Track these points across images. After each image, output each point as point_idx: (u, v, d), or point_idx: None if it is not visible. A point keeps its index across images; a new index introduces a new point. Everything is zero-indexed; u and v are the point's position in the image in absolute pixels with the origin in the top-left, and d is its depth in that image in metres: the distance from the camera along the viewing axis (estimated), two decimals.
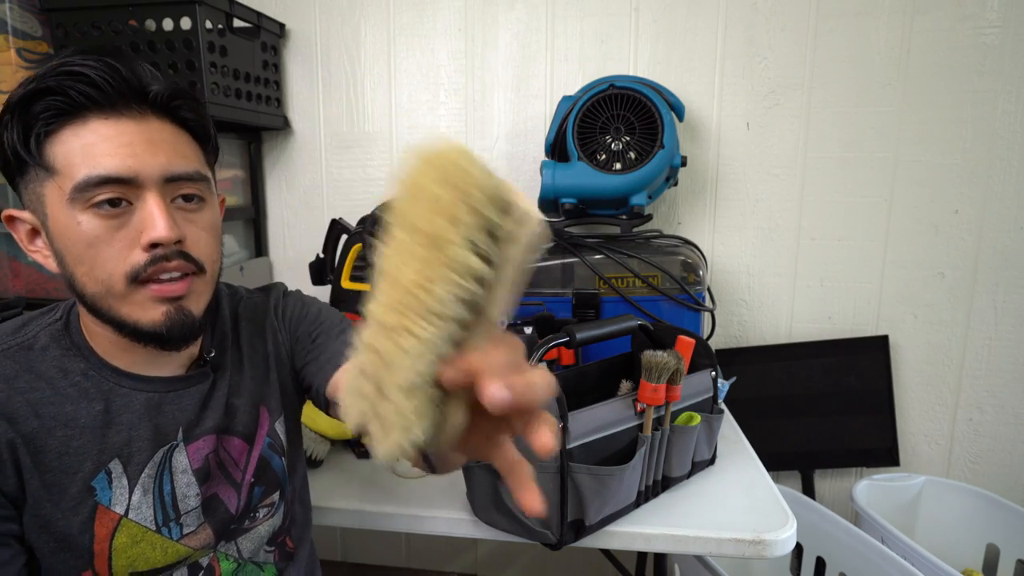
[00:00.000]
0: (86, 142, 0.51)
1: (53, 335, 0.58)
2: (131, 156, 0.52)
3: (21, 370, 0.55)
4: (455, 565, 1.70)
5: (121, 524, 0.56)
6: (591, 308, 1.16)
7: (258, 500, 0.65)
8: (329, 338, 0.68)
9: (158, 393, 0.60)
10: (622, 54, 1.40)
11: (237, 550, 0.65)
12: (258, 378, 0.68)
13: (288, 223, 1.59)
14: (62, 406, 0.55)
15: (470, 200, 0.27)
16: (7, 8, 1.19)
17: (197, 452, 0.61)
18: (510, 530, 0.76)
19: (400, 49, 1.48)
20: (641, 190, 1.18)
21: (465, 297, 0.27)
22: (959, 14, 1.28)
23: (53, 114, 0.51)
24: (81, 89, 0.51)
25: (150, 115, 0.54)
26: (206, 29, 1.18)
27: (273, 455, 0.67)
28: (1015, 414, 1.39)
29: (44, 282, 1.34)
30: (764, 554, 0.75)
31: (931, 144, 1.33)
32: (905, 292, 1.39)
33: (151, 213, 0.52)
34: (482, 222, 0.27)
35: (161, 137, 0.54)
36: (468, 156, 0.28)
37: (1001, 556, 1.29)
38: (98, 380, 0.57)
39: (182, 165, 0.55)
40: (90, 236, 0.52)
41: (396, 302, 0.28)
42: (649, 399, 0.76)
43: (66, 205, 0.51)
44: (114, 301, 0.54)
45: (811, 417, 1.42)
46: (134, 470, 0.57)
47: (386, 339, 0.28)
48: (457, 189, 0.27)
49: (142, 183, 0.53)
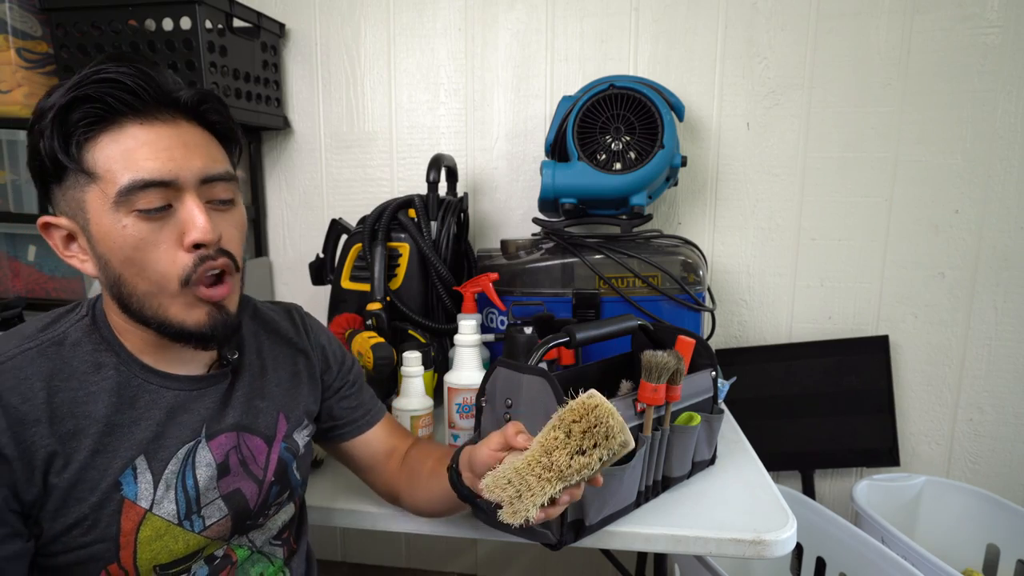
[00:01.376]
0: (126, 147, 0.53)
1: (83, 331, 0.59)
2: (170, 160, 0.54)
3: (56, 368, 0.56)
4: (455, 565, 1.70)
5: (146, 518, 0.57)
6: (591, 308, 1.16)
7: (274, 499, 0.69)
8: (362, 391, 0.81)
9: (183, 391, 0.62)
10: (622, 54, 1.40)
11: (249, 541, 0.68)
12: (282, 386, 0.71)
13: (288, 223, 1.59)
14: (94, 404, 0.56)
15: (608, 439, 0.54)
16: (7, 8, 1.19)
17: (219, 447, 0.63)
18: (510, 530, 0.76)
19: (400, 49, 1.48)
20: (641, 190, 1.18)
21: (584, 479, 0.55)
22: (959, 14, 1.28)
23: (92, 121, 0.53)
24: (119, 96, 0.53)
25: (181, 119, 0.57)
26: (206, 29, 1.18)
27: (290, 458, 0.70)
28: (1015, 414, 1.39)
29: (44, 282, 1.34)
30: (764, 554, 0.75)
31: (931, 144, 1.33)
32: (905, 292, 1.39)
33: (192, 214, 0.55)
34: (608, 451, 0.54)
35: (194, 140, 0.57)
36: (614, 413, 0.55)
37: (1001, 556, 1.29)
38: (128, 375, 0.59)
39: (215, 167, 0.58)
40: (136, 239, 0.54)
41: (547, 464, 0.55)
42: (649, 399, 0.76)
43: (110, 209, 0.53)
44: (165, 300, 0.56)
45: (811, 417, 1.42)
46: (158, 466, 0.59)
47: (535, 479, 0.55)
48: (603, 430, 0.54)
49: (182, 185, 0.55)
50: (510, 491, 0.56)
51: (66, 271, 1.32)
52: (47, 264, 1.33)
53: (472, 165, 1.49)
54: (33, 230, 1.31)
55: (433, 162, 1.24)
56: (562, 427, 0.56)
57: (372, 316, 1.09)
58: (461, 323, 0.97)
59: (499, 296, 1.14)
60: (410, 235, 1.19)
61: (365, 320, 1.10)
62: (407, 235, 1.19)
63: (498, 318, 1.21)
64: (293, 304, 0.80)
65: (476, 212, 1.51)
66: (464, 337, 0.96)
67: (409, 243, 1.19)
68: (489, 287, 1.11)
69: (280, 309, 0.77)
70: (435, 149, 1.49)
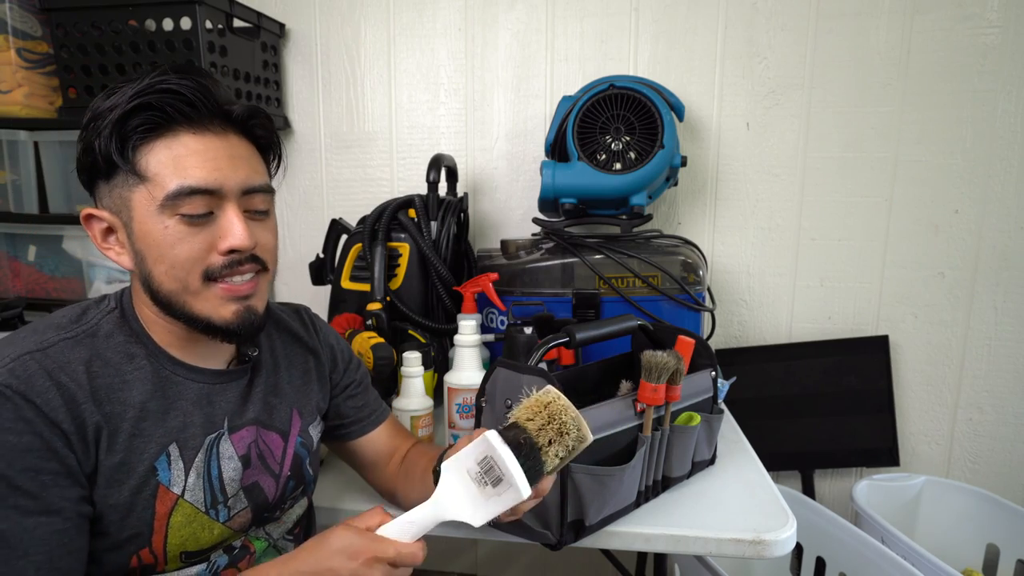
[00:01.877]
0: (177, 154, 0.57)
1: (114, 322, 0.62)
2: (216, 170, 0.58)
3: (93, 356, 0.58)
4: (455, 565, 1.70)
5: (178, 504, 0.60)
6: (591, 308, 1.16)
7: (290, 493, 0.71)
8: (367, 391, 0.83)
9: (208, 384, 0.65)
10: (622, 54, 1.40)
11: (266, 534, 0.70)
12: (295, 384, 0.74)
13: (288, 223, 1.59)
14: (130, 391, 0.59)
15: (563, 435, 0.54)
16: (7, 8, 1.19)
17: (241, 441, 0.66)
18: (510, 530, 0.76)
19: (400, 49, 1.48)
20: (641, 190, 1.18)
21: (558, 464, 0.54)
22: (959, 14, 1.28)
23: (149, 127, 0.56)
24: (177, 106, 0.56)
25: (231, 132, 0.60)
26: (206, 29, 1.18)
27: (305, 454, 0.73)
28: (1015, 414, 1.39)
29: (44, 282, 1.34)
30: (764, 554, 0.75)
31: (931, 144, 1.33)
32: (905, 292, 1.39)
33: (231, 222, 0.59)
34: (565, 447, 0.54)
35: (240, 153, 0.61)
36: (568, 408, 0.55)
37: (1001, 556, 1.29)
38: (157, 367, 0.62)
39: (257, 179, 0.62)
40: (174, 239, 0.57)
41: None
42: (649, 399, 0.76)
43: (155, 210, 0.56)
44: (189, 297, 0.59)
45: (811, 417, 1.42)
46: (189, 454, 0.61)
47: None
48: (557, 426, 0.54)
49: (225, 194, 0.58)
50: None
51: (66, 271, 1.32)
52: (47, 264, 1.33)
53: (472, 165, 1.49)
54: (33, 230, 1.31)
55: (433, 162, 1.24)
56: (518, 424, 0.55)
57: (372, 316, 1.09)
58: (461, 323, 0.97)
59: (499, 296, 1.14)
60: (410, 235, 1.19)
61: (365, 320, 1.10)
62: (407, 235, 1.19)
63: (498, 318, 1.21)
64: (301, 305, 0.83)
65: (476, 212, 1.51)
66: (464, 337, 0.96)
67: (409, 243, 1.19)
68: (489, 287, 1.12)
69: (290, 310, 0.80)
70: (435, 149, 1.49)
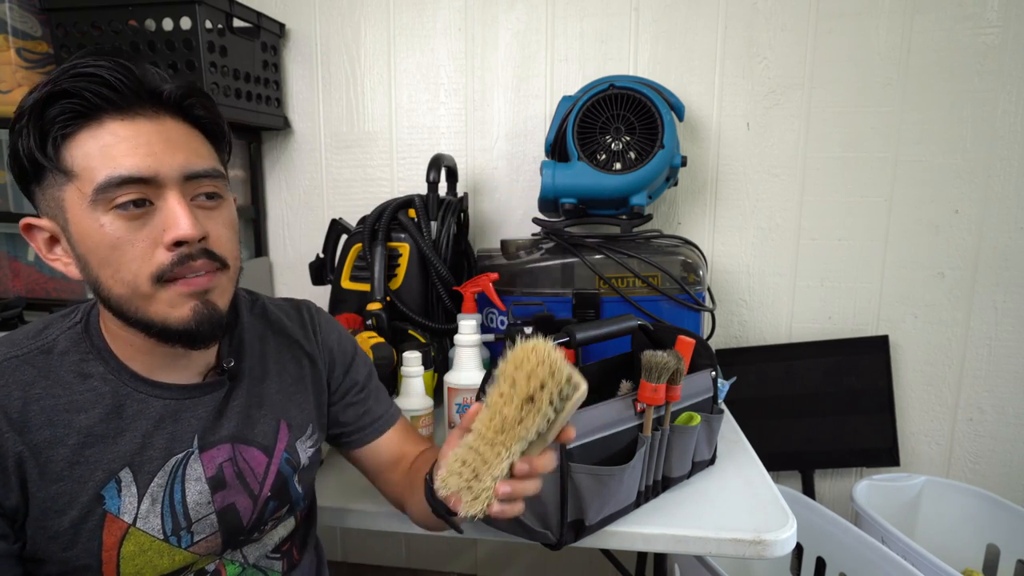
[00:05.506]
0: (104, 143, 0.51)
1: (73, 339, 0.57)
2: (150, 155, 0.52)
3: (39, 376, 0.54)
4: (455, 565, 1.70)
5: (129, 533, 0.55)
6: (591, 308, 1.16)
7: (270, 514, 0.65)
8: (371, 395, 0.77)
9: (175, 400, 0.59)
10: (622, 54, 1.40)
11: (242, 556, 0.65)
12: (284, 392, 0.68)
13: (288, 223, 1.59)
14: (77, 413, 0.54)
15: (554, 375, 0.48)
16: (7, 8, 1.19)
17: (212, 460, 0.60)
18: (510, 530, 0.76)
19: (400, 49, 1.48)
20: (641, 190, 1.18)
21: (540, 430, 0.49)
22: (959, 14, 1.28)
23: (69, 117, 0.51)
24: (96, 90, 0.50)
25: (164, 115, 0.54)
26: (206, 29, 1.18)
27: (290, 472, 0.67)
28: (1015, 414, 1.39)
29: (44, 282, 1.34)
30: (764, 554, 0.75)
31: (931, 144, 1.33)
32: (905, 292, 1.39)
33: (174, 211, 0.52)
34: (557, 389, 0.48)
35: (178, 136, 0.54)
36: (555, 350, 0.49)
37: (1001, 556, 1.29)
38: (116, 384, 0.57)
39: (200, 163, 0.55)
40: (113, 238, 0.51)
41: (498, 426, 0.50)
42: (649, 399, 0.76)
43: (88, 208, 0.51)
44: (141, 302, 0.53)
45: (811, 417, 1.42)
46: (144, 479, 0.56)
47: (488, 447, 0.50)
48: (547, 367, 0.48)
49: (162, 182, 0.52)
50: (467, 473, 0.51)
51: None
52: (47, 264, 1.33)
53: (472, 165, 1.49)
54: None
55: (433, 162, 1.24)
56: (504, 379, 0.50)
57: (372, 316, 1.09)
58: (461, 323, 0.97)
59: (499, 296, 1.14)
60: (410, 235, 1.19)
61: (365, 320, 1.10)
62: (407, 235, 1.19)
63: (498, 318, 1.21)
64: (305, 301, 0.76)
65: (476, 212, 1.51)
66: (464, 337, 0.96)
67: (409, 243, 1.19)
68: (489, 287, 1.11)
69: (291, 307, 0.74)
70: (435, 149, 1.49)
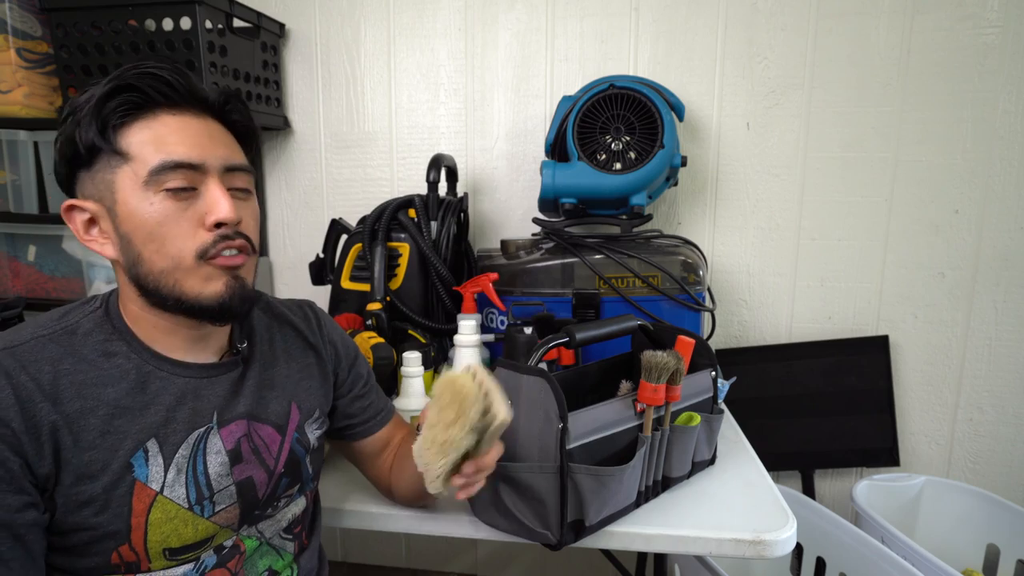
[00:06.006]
0: (158, 133, 0.58)
1: (96, 321, 0.62)
2: (198, 146, 0.59)
3: (66, 353, 0.58)
4: (455, 565, 1.70)
5: (156, 500, 0.59)
6: (591, 308, 1.16)
7: (283, 491, 0.70)
8: (373, 390, 0.83)
9: (194, 378, 0.64)
10: (622, 54, 1.40)
11: (259, 532, 0.69)
12: (293, 377, 0.73)
13: (288, 223, 1.59)
14: (104, 387, 0.59)
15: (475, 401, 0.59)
16: (7, 8, 1.20)
17: (230, 435, 0.65)
18: (510, 530, 0.76)
19: (400, 49, 1.48)
20: (641, 190, 1.18)
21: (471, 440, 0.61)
22: (959, 14, 1.28)
23: (128, 108, 0.58)
24: (157, 87, 0.58)
25: (207, 115, 0.62)
26: (206, 29, 1.18)
27: (303, 452, 0.72)
28: (1015, 414, 1.39)
29: (44, 282, 1.34)
30: (764, 554, 0.75)
31: (931, 144, 1.33)
32: (905, 292, 1.39)
33: (216, 196, 0.59)
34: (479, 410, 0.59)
35: (218, 134, 0.63)
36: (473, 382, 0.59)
37: (1001, 556, 1.29)
38: (139, 363, 0.61)
39: (238, 158, 0.63)
40: (161, 216, 0.58)
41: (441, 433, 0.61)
42: (649, 399, 0.76)
43: (140, 188, 0.57)
44: (180, 275, 0.59)
45: (811, 417, 1.42)
46: (169, 450, 0.61)
47: (437, 448, 0.62)
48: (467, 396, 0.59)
49: (207, 170, 0.60)
50: (420, 465, 0.64)
51: (66, 271, 1.32)
52: (47, 264, 1.33)
53: (472, 165, 1.49)
54: (33, 230, 1.31)
55: (433, 162, 1.24)
56: (434, 405, 0.62)
57: (372, 316, 1.09)
58: (461, 323, 0.97)
59: (499, 296, 1.14)
60: (410, 235, 1.19)
61: (365, 320, 1.10)
62: (407, 235, 1.19)
63: (498, 318, 1.21)
64: (306, 300, 0.82)
65: (476, 212, 1.51)
66: (464, 337, 0.97)
67: (409, 243, 1.19)
68: (489, 287, 1.12)
69: (294, 305, 0.80)
70: (435, 149, 1.49)
